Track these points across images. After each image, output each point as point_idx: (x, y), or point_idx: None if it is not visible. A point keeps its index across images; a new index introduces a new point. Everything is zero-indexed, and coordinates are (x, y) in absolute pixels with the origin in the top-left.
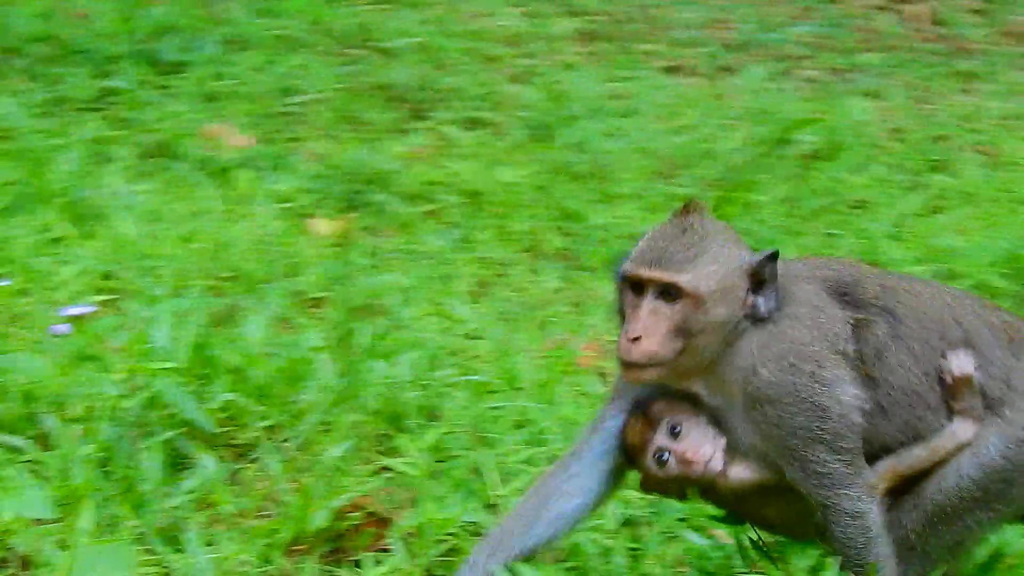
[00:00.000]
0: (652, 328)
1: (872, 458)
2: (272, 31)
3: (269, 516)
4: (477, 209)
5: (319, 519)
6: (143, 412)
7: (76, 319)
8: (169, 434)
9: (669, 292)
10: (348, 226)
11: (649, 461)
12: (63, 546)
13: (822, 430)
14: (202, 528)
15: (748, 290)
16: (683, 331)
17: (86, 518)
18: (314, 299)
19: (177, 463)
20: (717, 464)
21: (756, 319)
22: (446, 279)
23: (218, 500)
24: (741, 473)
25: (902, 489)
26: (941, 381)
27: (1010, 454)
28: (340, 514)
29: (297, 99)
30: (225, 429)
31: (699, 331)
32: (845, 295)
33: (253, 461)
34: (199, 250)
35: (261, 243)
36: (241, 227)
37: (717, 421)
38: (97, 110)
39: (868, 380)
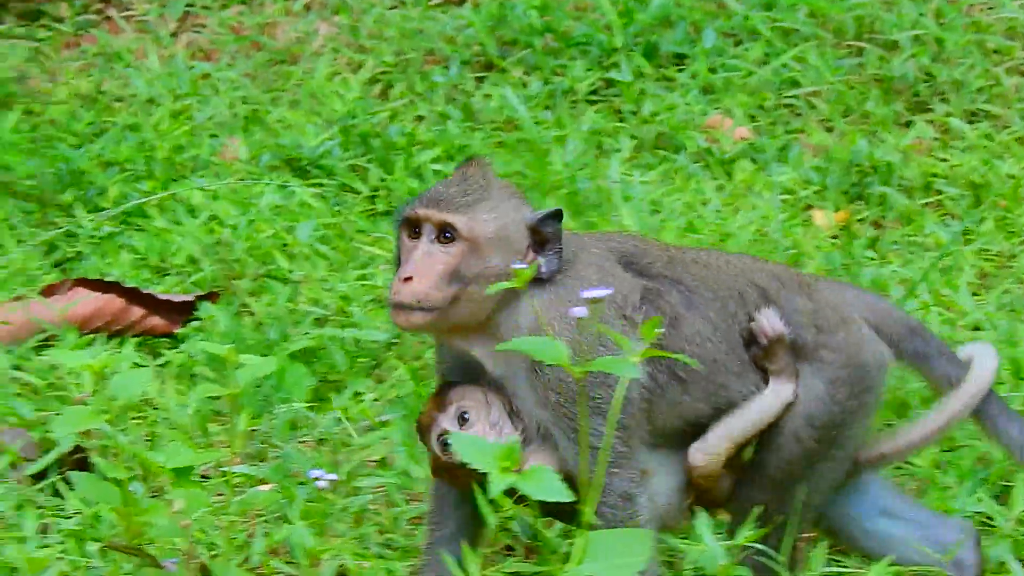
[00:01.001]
0: (425, 269)
1: (681, 433)
2: (772, 24)
3: None
4: (979, 201)
5: None
6: None
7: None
8: None
9: (445, 233)
10: (849, 217)
11: (434, 443)
12: (567, 533)
13: (601, 398)
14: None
15: (529, 247)
16: (457, 276)
17: None
18: None
19: None
20: None
21: (536, 279)
22: (948, 271)
23: None
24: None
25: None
26: (749, 345)
27: (839, 395)
28: None
29: (796, 91)
30: None
31: (473, 278)
32: (632, 264)
33: None
34: (700, 241)
35: (763, 234)
36: (742, 218)
37: (514, 412)
38: (595, 102)
39: (659, 351)
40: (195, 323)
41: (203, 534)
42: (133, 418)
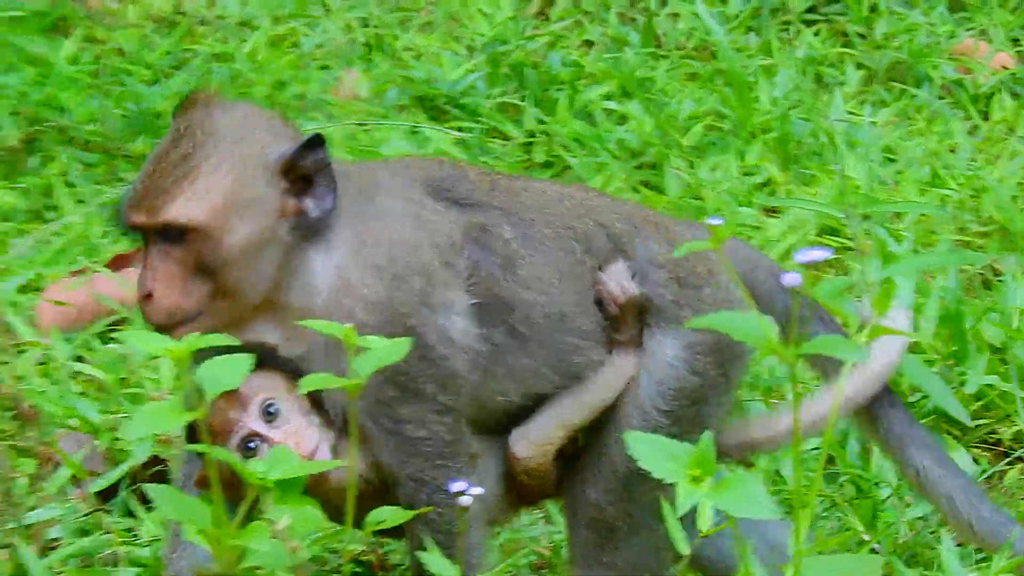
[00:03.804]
0: (165, 278)
1: (518, 412)
2: None
3: None
4: None
5: None
6: None
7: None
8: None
9: (168, 231)
10: None
11: (233, 449)
12: None
13: (421, 376)
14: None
15: (287, 192)
16: (204, 271)
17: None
18: None
19: None
20: (323, 458)
21: (311, 229)
22: None
23: None
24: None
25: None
26: (597, 305)
27: (699, 364)
28: None
29: None
30: (982, 422)
31: (224, 266)
32: (446, 193)
33: (1013, 464)
34: (946, 196)
35: None
36: (1001, 168)
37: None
38: (813, 22)
39: (495, 303)
40: None
41: None
42: None
